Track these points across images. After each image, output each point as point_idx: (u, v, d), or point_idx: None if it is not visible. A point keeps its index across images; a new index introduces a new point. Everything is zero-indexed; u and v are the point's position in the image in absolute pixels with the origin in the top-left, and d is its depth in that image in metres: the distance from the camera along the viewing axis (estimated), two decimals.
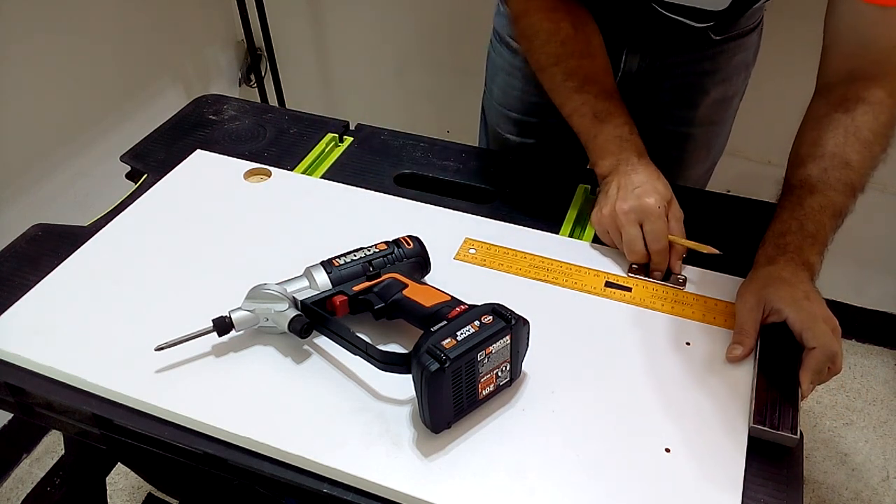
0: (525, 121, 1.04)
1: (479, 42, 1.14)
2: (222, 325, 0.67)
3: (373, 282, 0.70)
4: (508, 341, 0.61)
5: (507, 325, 0.61)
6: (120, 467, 1.37)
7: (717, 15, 0.85)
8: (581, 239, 0.84)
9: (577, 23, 0.84)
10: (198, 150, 0.96)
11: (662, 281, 0.77)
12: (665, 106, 0.99)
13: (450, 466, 0.60)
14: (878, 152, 0.75)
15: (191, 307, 0.71)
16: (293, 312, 0.67)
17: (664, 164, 1.03)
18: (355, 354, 0.65)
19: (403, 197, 0.89)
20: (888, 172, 0.78)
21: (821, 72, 0.80)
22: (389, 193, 0.90)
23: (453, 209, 0.87)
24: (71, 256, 0.79)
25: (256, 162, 0.94)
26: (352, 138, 1.01)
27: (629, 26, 0.90)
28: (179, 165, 0.93)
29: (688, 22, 0.85)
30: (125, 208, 0.86)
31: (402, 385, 0.63)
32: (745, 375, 0.67)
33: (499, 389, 0.64)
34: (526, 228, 0.85)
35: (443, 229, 0.83)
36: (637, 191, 0.78)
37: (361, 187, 0.90)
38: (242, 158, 0.95)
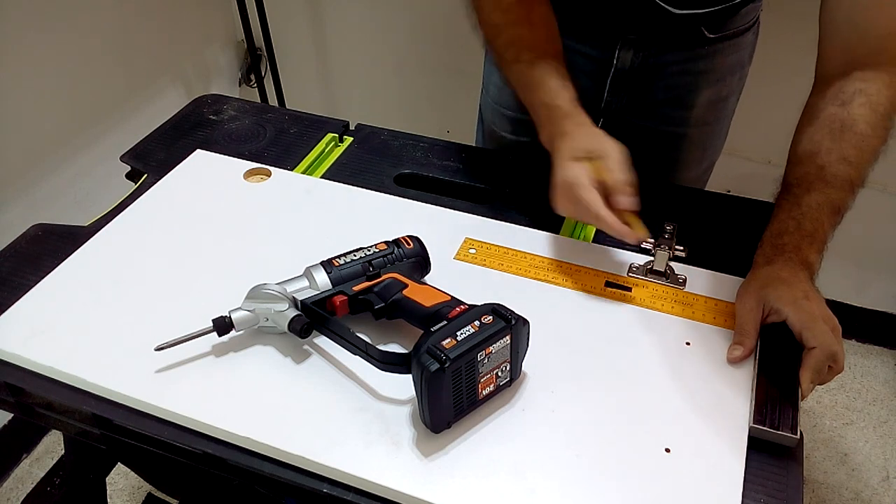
0: (520, 118, 1.04)
1: (479, 42, 1.14)
2: (222, 325, 0.67)
3: (373, 282, 0.70)
4: (508, 341, 0.61)
5: (507, 325, 0.61)
6: (120, 467, 1.37)
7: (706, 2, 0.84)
8: (581, 239, 0.84)
9: None
10: (198, 150, 0.96)
11: (662, 281, 0.77)
12: (658, 105, 0.98)
13: (450, 466, 0.60)
14: (877, 145, 0.74)
15: (191, 307, 0.71)
16: (293, 312, 0.67)
17: (659, 165, 1.03)
18: (355, 354, 0.65)
19: (403, 197, 0.89)
20: (888, 172, 0.78)
21: (818, 65, 0.79)
22: (389, 193, 0.89)
23: (453, 209, 0.87)
24: (71, 256, 0.79)
25: (256, 162, 0.94)
26: (352, 138, 1.01)
27: (622, 14, 0.89)
28: (179, 165, 0.93)
29: (675, 11, 0.84)
30: (125, 208, 0.86)
31: (402, 385, 0.63)
32: (745, 375, 0.67)
33: (499, 389, 0.64)
34: (526, 228, 0.85)
35: (443, 229, 0.83)
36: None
37: (361, 187, 0.90)
38: (242, 158, 0.95)
